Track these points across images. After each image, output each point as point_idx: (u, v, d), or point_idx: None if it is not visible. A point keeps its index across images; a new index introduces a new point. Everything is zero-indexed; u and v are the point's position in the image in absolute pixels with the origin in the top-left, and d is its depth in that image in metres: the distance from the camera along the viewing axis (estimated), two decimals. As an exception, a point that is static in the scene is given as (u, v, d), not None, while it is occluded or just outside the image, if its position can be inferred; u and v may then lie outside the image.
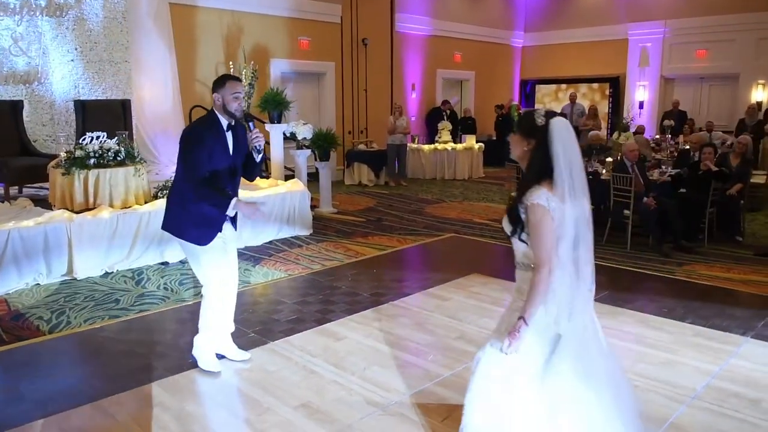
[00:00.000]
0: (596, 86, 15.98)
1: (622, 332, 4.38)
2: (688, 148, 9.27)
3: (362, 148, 12.29)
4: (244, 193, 6.98)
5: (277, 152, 8.35)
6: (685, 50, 14.44)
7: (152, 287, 5.44)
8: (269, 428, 3.10)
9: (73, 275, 5.66)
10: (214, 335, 3.79)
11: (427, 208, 9.51)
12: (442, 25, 14.56)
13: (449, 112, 14.13)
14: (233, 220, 3.76)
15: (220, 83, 3.51)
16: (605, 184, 7.25)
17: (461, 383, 3.55)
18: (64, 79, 8.32)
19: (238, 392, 3.53)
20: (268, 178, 8.17)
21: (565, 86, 16.40)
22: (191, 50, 9.92)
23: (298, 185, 7.57)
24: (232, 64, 7.84)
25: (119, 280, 5.63)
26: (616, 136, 10.25)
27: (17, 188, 7.08)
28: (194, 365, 3.76)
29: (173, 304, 5.02)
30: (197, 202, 3.51)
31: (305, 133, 8.43)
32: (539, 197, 2.23)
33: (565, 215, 2.24)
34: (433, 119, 14.24)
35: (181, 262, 6.01)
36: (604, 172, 7.77)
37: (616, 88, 15.58)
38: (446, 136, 13.19)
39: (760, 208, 8.88)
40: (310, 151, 8.75)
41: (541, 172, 2.27)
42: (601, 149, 9.04)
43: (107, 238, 5.84)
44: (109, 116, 7.58)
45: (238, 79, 3.58)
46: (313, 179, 9.17)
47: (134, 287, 5.43)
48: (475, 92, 16.03)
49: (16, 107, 7.32)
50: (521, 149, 2.36)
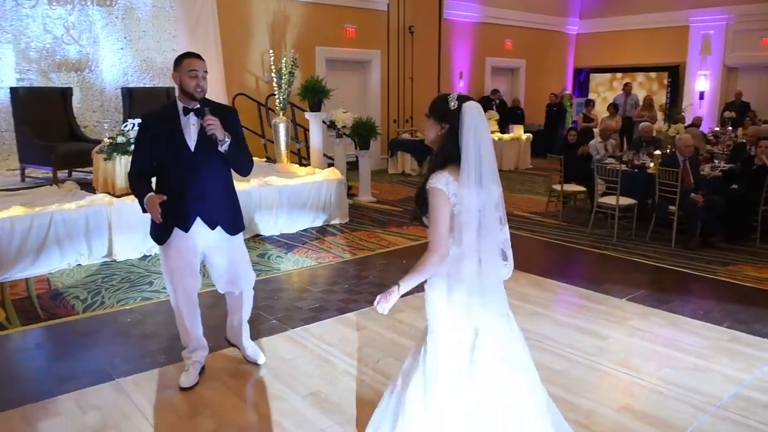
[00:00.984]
0: (654, 75, 15.35)
1: (651, 334, 4.20)
2: (744, 141, 8.80)
3: (406, 137, 12.22)
4: (281, 180, 7.08)
5: (315, 140, 8.39)
6: (749, 38, 13.66)
7: (185, 271, 5.56)
8: (275, 415, 3.13)
9: (112, 257, 5.85)
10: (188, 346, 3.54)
11: (467, 199, 9.36)
12: (492, 12, 14.24)
13: (498, 101, 13.87)
14: (208, 220, 3.22)
15: (177, 62, 3.14)
16: (652, 178, 6.96)
17: (475, 379, 3.48)
18: (113, 66, 8.58)
19: (251, 379, 3.57)
20: (306, 165, 8.23)
21: (620, 75, 15.81)
22: (237, 39, 10.06)
23: (334, 173, 7.59)
24: (272, 52, 7.89)
25: (155, 263, 5.79)
26: (665, 128, 9.82)
27: (67, 172, 7.35)
28: (214, 350, 3.81)
29: (203, 288, 5.11)
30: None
31: (345, 121, 8.43)
32: (438, 181, 2.22)
33: (469, 203, 2.20)
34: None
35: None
36: (651, 165, 7.46)
37: (675, 77, 14.91)
38: (493, 126, 12.94)
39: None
40: (350, 139, 8.75)
41: (447, 156, 2.26)
42: (651, 141, 8.68)
43: (146, 222, 5.91)
44: (154, 103, 7.77)
45: (198, 56, 3.15)
46: (354, 168, 9.19)
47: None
48: (525, 81, 15.66)
49: (65, 94, 7.60)
50: (435, 133, 2.32)
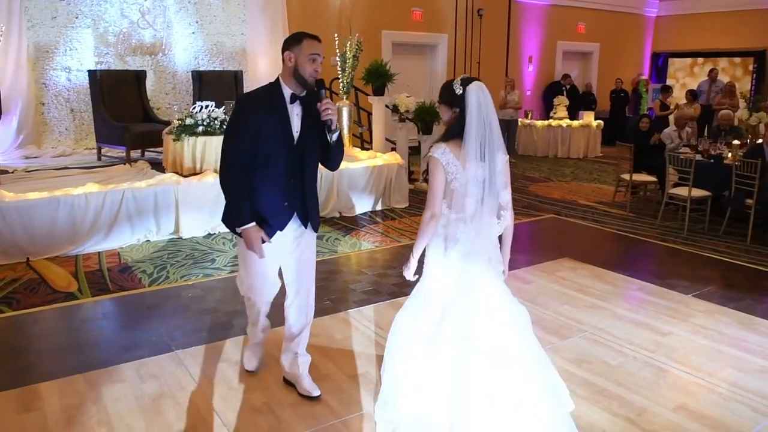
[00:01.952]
0: (738, 61, 14.48)
1: (716, 333, 4.00)
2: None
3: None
4: (342, 163, 7.11)
5: (378, 124, 8.40)
6: None
7: (246, 250, 5.72)
8: (324, 394, 3.18)
9: (179, 234, 6.08)
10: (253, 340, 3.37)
11: (531, 186, 9.18)
12: (565, -6, 13.81)
13: (569, 86, 13.46)
14: (303, 217, 2.94)
15: (295, 40, 2.75)
16: (729, 169, 6.59)
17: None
18: (185, 50, 8.87)
19: (302, 357, 3.64)
20: (368, 149, 8.26)
21: (702, 60, 15.01)
22: (304, 22, 10.14)
23: (395, 158, 7.59)
24: (337, 36, 7.93)
25: (219, 241, 5.98)
26: (746, 116, 9.25)
27: (140, 152, 7.69)
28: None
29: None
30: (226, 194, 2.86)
31: (408, 105, 8.40)
32: (436, 151, 2.49)
33: (468, 176, 2.46)
34: (550, 94, 13.62)
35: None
36: (729, 155, 7.06)
37: (761, 63, 14.02)
38: (562, 111, 12.59)
39: None
40: (412, 124, 8.71)
41: (454, 133, 2.50)
42: (730, 131, 8.21)
43: (211, 201, 6.19)
44: (222, 86, 8.00)
45: (317, 38, 2.79)
46: (416, 153, 9.16)
47: (231, 249, 5.74)
48: (598, 66, 15.10)
49: (140, 77, 7.93)
50: (448, 117, 2.57)
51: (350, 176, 7.15)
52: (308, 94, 2.81)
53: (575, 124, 12.33)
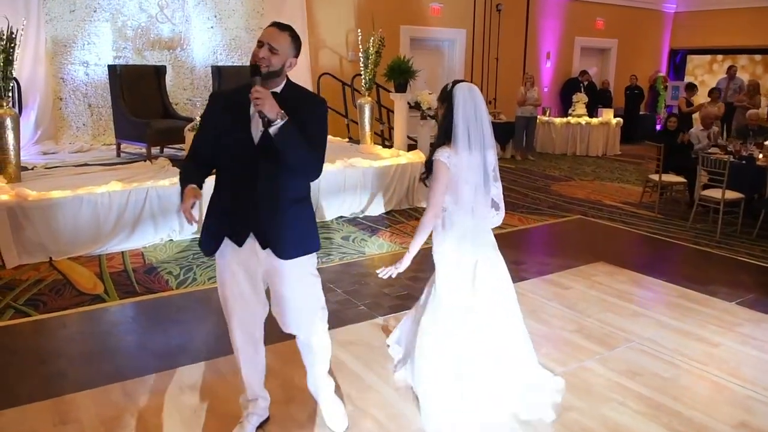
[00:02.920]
0: (759, 58, 14.24)
1: (764, 342, 3.86)
2: None
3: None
4: (365, 161, 7.01)
5: (400, 122, 8.26)
6: None
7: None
8: (370, 407, 3.06)
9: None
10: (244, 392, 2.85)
11: (553, 185, 9.03)
12: (584, -11, 13.61)
13: (587, 83, 13.27)
14: (260, 235, 2.47)
15: None
16: (761, 171, 6.43)
17: (575, 383, 3.31)
18: (203, 45, 8.74)
19: (343, 368, 3.51)
20: (390, 147, 8.13)
21: (721, 57, 14.79)
22: (323, 17, 10.03)
23: (419, 156, 7.45)
24: (360, 31, 7.78)
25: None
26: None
27: (159, 148, 7.56)
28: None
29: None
30: None
31: (430, 102, 8.24)
32: (442, 155, 2.75)
33: (469, 163, 2.75)
34: (568, 91, 13.45)
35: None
36: (761, 156, 6.90)
37: (783, 60, 13.80)
38: (581, 109, 12.42)
39: None
40: (433, 121, 8.56)
41: (447, 131, 2.77)
42: (759, 130, 8.04)
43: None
44: (242, 81, 7.85)
45: (275, 25, 2.44)
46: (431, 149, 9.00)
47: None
48: (616, 62, 14.90)
49: (159, 72, 7.79)
50: (439, 113, 2.86)
51: (374, 175, 7.02)
52: (252, 74, 2.34)
53: (594, 121, 12.16)
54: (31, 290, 4.59)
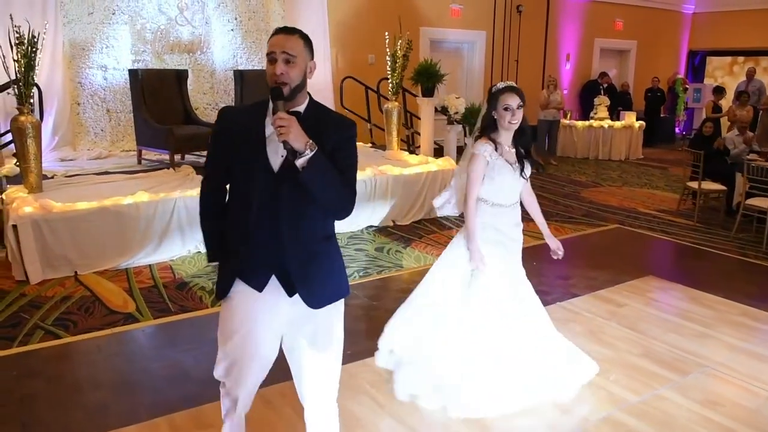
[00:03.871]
0: (782, 59, 14.00)
1: None
2: None
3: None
4: (396, 169, 6.76)
5: (427, 127, 8.03)
6: None
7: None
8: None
9: (230, 245, 5.73)
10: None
11: (582, 192, 8.79)
12: (604, -11, 13.36)
13: (606, 85, 13.02)
14: (285, 280, 2.10)
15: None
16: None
17: (654, 414, 3.08)
18: (224, 48, 8.50)
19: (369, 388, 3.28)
20: (416, 154, 7.89)
21: (742, 59, 14.54)
22: (344, 18, 9.79)
23: (449, 163, 7.22)
24: (387, 34, 7.54)
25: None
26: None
27: (179, 155, 7.33)
28: (355, 357, 3.55)
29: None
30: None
31: (458, 107, 8.02)
32: (480, 148, 3.07)
33: (499, 161, 3.09)
34: (587, 93, 13.21)
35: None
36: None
37: (807, 62, 13.55)
38: (603, 112, 12.18)
39: None
40: (460, 126, 8.34)
41: (486, 128, 3.12)
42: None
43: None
44: (264, 86, 7.60)
45: (285, 30, 2.09)
46: (460, 154, 8.77)
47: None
48: (635, 64, 14.65)
49: (181, 76, 7.56)
50: (484, 112, 3.16)
51: (404, 182, 6.79)
52: (275, 97, 1.99)
53: (617, 125, 11.91)
54: (58, 308, 4.37)
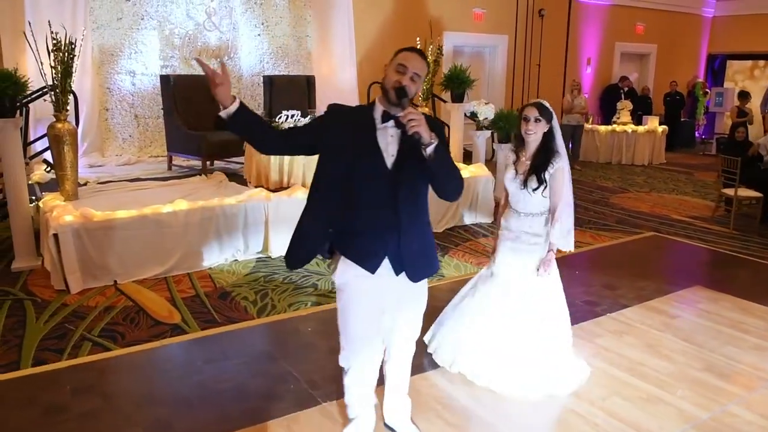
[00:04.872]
0: (804, 63, 13.89)
1: None
2: None
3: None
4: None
5: (457, 133, 7.96)
6: None
7: (345, 273, 5.31)
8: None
9: (267, 253, 5.69)
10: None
11: (611, 198, 8.70)
12: (626, -7, 13.27)
13: (627, 89, 12.94)
14: (396, 261, 2.49)
15: (394, 55, 2.46)
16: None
17: (726, 431, 3.00)
18: (250, 53, 8.47)
19: (468, 413, 3.21)
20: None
21: (763, 63, 14.43)
22: (370, 24, 9.74)
23: (482, 170, 7.15)
24: (418, 39, 7.49)
25: (313, 262, 5.56)
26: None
27: (209, 161, 7.30)
28: (416, 371, 3.49)
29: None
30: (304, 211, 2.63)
31: (487, 113, 7.95)
32: (558, 163, 3.26)
33: (509, 169, 3.44)
34: (608, 97, 13.13)
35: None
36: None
37: (830, 65, 13.43)
38: (625, 116, 12.10)
39: None
40: (489, 132, 8.27)
41: (515, 137, 3.50)
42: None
43: (300, 217, 5.79)
44: (295, 92, 7.58)
45: (418, 52, 2.44)
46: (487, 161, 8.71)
47: (327, 270, 5.33)
48: (655, 68, 14.56)
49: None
50: (542, 130, 3.26)
51: (437, 189, 6.71)
52: (399, 96, 2.36)
53: (640, 129, 11.82)
54: (103, 318, 4.32)
